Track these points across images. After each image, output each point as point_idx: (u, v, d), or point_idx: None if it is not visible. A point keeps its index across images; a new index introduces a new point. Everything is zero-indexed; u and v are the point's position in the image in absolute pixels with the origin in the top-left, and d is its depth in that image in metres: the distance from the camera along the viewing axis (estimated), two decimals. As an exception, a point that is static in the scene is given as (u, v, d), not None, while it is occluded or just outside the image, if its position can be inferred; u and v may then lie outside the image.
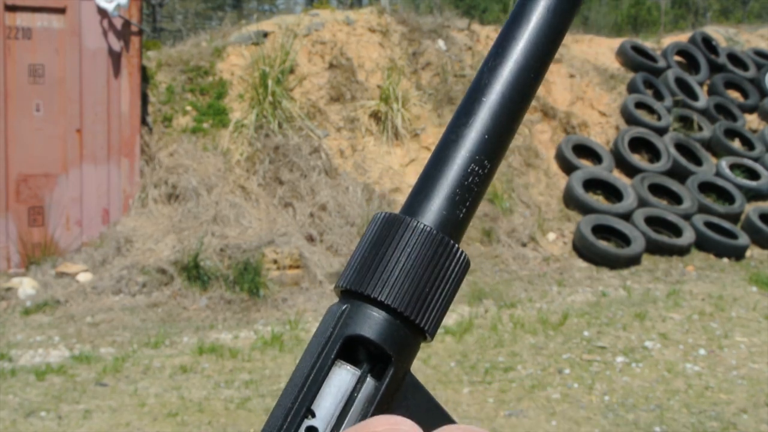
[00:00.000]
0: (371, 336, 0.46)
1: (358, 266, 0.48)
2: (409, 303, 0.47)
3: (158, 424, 4.20)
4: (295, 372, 0.47)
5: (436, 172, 0.51)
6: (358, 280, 0.48)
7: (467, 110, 0.52)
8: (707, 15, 25.73)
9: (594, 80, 10.48)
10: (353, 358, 0.47)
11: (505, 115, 0.51)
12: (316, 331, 0.48)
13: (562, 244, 8.42)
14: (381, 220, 0.49)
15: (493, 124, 0.51)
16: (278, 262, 6.99)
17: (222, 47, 9.05)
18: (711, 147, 10.23)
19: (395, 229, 0.48)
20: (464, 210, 0.50)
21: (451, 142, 0.51)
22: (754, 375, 5.08)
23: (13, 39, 7.10)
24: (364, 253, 0.49)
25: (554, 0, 0.53)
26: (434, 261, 0.48)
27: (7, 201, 7.17)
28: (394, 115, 8.88)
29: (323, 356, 0.46)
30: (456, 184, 0.50)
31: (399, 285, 0.47)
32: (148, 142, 7.95)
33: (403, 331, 0.47)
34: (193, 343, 5.62)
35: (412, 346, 0.48)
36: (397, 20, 10.00)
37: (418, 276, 0.47)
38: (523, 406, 4.51)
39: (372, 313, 0.47)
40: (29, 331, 5.88)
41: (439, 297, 0.48)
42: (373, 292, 0.47)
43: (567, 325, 6.08)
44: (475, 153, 0.50)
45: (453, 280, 0.49)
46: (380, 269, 0.47)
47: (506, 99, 0.51)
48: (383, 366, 0.47)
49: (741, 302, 6.83)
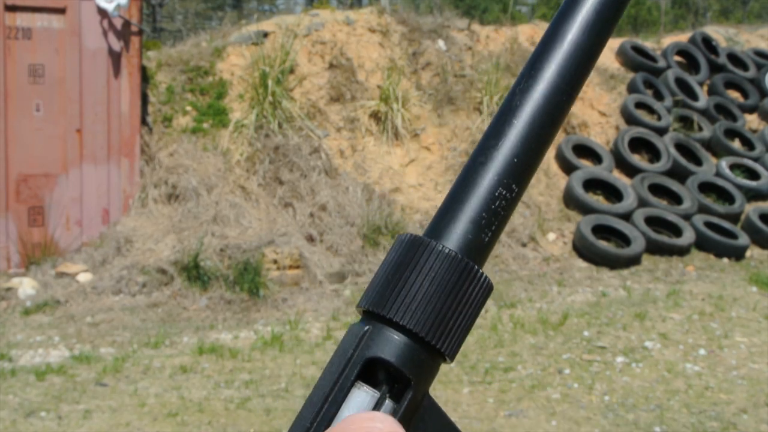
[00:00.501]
0: (391, 359, 0.47)
1: (381, 288, 0.48)
2: (431, 328, 0.47)
3: (158, 424, 4.20)
4: (314, 391, 0.47)
5: (462, 195, 0.50)
6: (380, 302, 0.48)
7: (497, 132, 0.51)
8: (707, 15, 25.73)
9: (594, 80, 10.48)
10: (373, 379, 0.48)
11: (536, 139, 0.51)
12: (337, 350, 0.49)
13: (562, 244, 8.42)
14: (405, 242, 0.49)
15: (523, 148, 0.51)
16: (278, 262, 6.99)
17: (222, 47, 9.05)
18: (711, 147, 10.23)
19: (419, 253, 0.48)
20: (490, 234, 0.50)
21: (479, 164, 0.51)
22: (754, 375, 5.08)
23: (13, 39, 7.10)
24: (388, 275, 0.49)
25: (589, 21, 0.52)
26: (457, 287, 0.48)
27: (7, 201, 7.17)
28: (394, 115, 8.88)
29: (343, 377, 0.47)
30: (483, 208, 0.50)
31: (421, 310, 0.47)
32: (148, 142, 7.95)
33: (423, 355, 0.47)
34: (193, 343, 5.62)
35: (432, 370, 0.48)
36: (397, 20, 10.00)
37: (441, 301, 0.47)
38: (523, 406, 4.51)
39: (393, 336, 0.47)
40: (29, 331, 5.88)
41: (460, 322, 0.48)
42: (395, 316, 0.47)
43: (567, 325, 6.08)
44: (503, 177, 0.50)
45: (475, 305, 0.49)
46: (403, 293, 0.47)
47: (537, 122, 0.51)
48: (402, 388, 0.47)
49: (741, 302, 6.83)
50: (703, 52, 11.47)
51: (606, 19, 0.52)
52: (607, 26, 0.52)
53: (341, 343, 0.49)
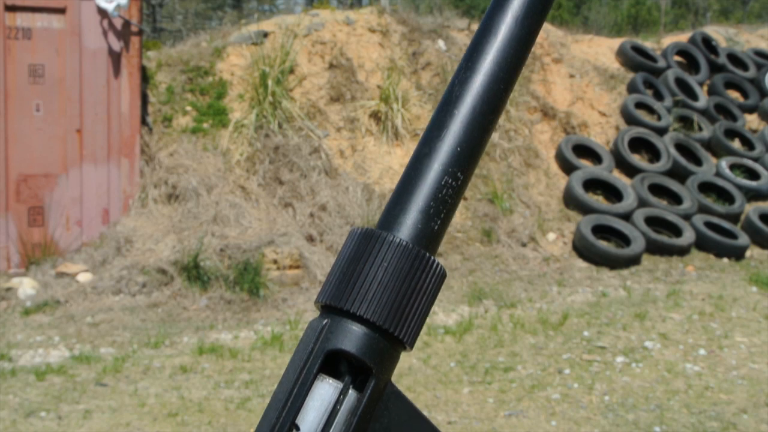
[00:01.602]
0: (351, 350, 0.48)
1: (337, 282, 0.49)
2: (388, 316, 0.48)
3: (158, 424, 4.20)
4: (278, 387, 0.49)
5: (410, 186, 0.52)
6: (337, 295, 0.49)
7: (439, 123, 0.53)
8: (707, 15, 25.72)
9: (594, 80, 10.48)
10: (335, 372, 0.48)
11: (477, 128, 0.52)
12: (298, 346, 0.49)
13: (562, 244, 8.42)
14: (358, 235, 0.51)
15: (465, 137, 0.52)
16: (278, 262, 6.99)
17: (222, 47, 9.05)
18: (711, 147, 10.23)
19: (372, 244, 0.49)
20: (439, 222, 0.51)
21: (424, 155, 0.52)
22: (754, 375, 5.08)
23: (13, 39, 7.10)
24: (343, 269, 0.50)
25: (521, 12, 0.53)
26: (411, 274, 0.49)
27: (7, 201, 7.17)
28: (394, 115, 8.88)
29: (305, 371, 0.48)
30: (430, 197, 0.51)
31: (377, 299, 0.48)
32: (148, 142, 7.95)
33: (383, 344, 0.48)
34: (193, 343, 5.62)
35: (392, 358, 0.49)
36: (397, 20, 10.00)
37: (396, 289, 0.49)
38: (523, 406, 4.51)
39: (352, 327, 0.48)
40: (29, 331, 5.88)
41: (416, 308, 0.49)
42: (352, 307, 0.48)
43: (567, 325, 6.08)
44: (448, 165, 0.51)
45: (430, 291, 0.50)
46: (358, 284, 0.48)
47: (477, 111, 0.52)
48: (364, 378, 0.48)
49: (741, 302, 6.83)
50: (703, 52, 11.48)
51: (537, 11, 0.54)
52: (538, 17, 0.54)
53: (302, 339, 0.50)
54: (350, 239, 0.51)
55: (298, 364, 0.48)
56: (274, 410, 0.47)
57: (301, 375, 0.47)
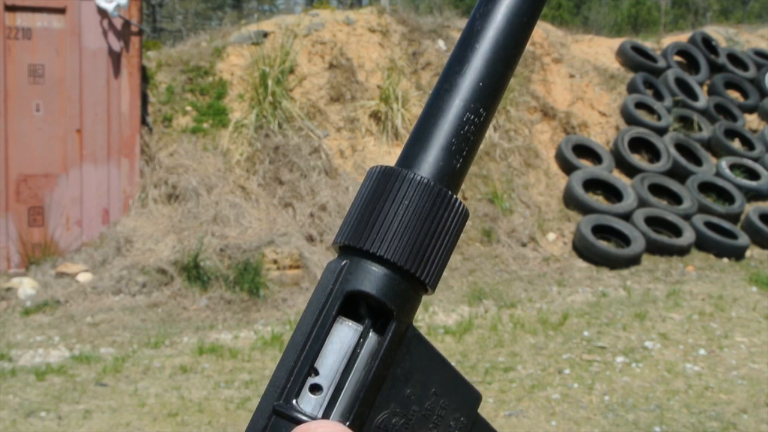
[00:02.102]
0: (372, 291, 0.46)
1: (356, 221, 0.48)
2: (409, 256, 0.47)
3: (158, 424, 4.20)
4: (296, 330, 0.47)
5: (430, 123, 0.50)
6: (356, 235, 0.47)
7: (460, 58, 0.51)
8: (707, 15, 25.72)
9: (594, 80, 10.48)
10: (355, 314, 0.47)
11: (500, 62, 0.50)
12: (316, 288, 0.48)
13: (562, 244, 8.42)
14: (377, 173, 0.49)
15: (487, 72, 0.50)
16: (278, 262, 6.99)
17: (222, 47, 9.05)
18: (711, 147, 10.23)
19: (392, 183, 0.48)
20: (461, 160, 0.49)
21: (444, 91, 0.50)
22: (754, 375, 5.08)
23: (13, 39, 7.10)
24: (361, 208, 0.48)
25: None
26: (433, 213, 0.47)
27: (7, 201, 7.17)
28: (394, 115, 8.88)
29: (324, 313, 0.46)
30: (452, 134, 0.49)
31: (398, 239, 0.46)
32: (148, 142, 7.95)
33: (404, 285, 0.47)
34: (193, 343, 5.62)
35: (414, 300, 0.48)
36: (397, 20, 10.00)
37: (417, 229, 0.47)
38: (523, 406, 4.51)
39: (372, 268, 0.46)
40: (29, 331, 5.88)
41: (439, 249, 0.48)
42: (372, 247, 0.46)
43: (567, 325, 6.08)
44: (470, 101, 0.50)
45: (452, 231, 0.48)
46: (378, 223, 0.47)
47: (500, 45, 0.50)
48: (385, 321, 0.47)
49: (741, 302, 6.83)
50: (703, 52, 11.48)
51: None
52: None
53: (320, 281, 0.48)
54: (369, 178, 0.49)
55: (316, 307, 0.46)
56: (292, 354, 0.45)
57: (320, 317, 0.46)
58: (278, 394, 0.44)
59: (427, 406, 0.48)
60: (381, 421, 0.46)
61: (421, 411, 0.47)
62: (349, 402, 0.45)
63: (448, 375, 0.49)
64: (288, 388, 0.44)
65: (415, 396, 0.47)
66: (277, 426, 0.44)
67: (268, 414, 0.44)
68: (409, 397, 0.47)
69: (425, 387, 0.48)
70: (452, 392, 0.49)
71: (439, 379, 0.48)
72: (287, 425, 0.44)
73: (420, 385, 0.47)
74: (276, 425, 0.44)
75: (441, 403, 0.48)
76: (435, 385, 0.48)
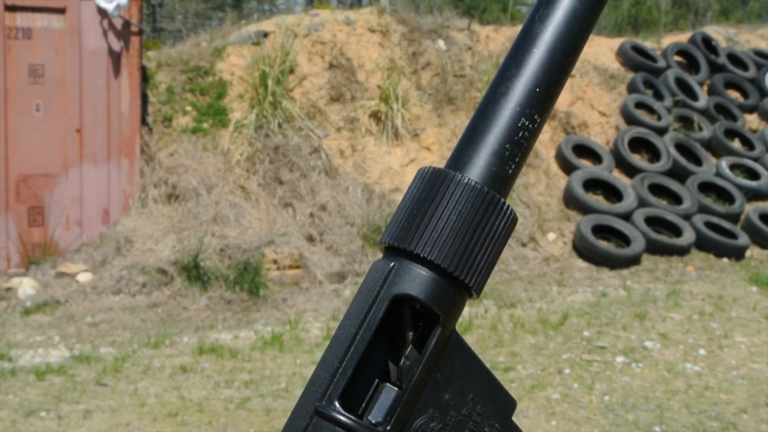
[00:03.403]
0: (420, 295, 0.46)
1: (405, 222, 0.47)
2: (459, 262, 0.46)
3: (158, 424, 4.20)
4: (339, 331, 0.46)
5: (484, 126, 0.49)
6: (405, 236, 0.46)
7: (517, 61, 0.50)
8: (707, 15, 25.72)
9: (594, 80, 10.48)
10: (398, 316, 0.47)
11: (557, 68, 0.50)
12: (361, 288, 0.47)
13: (562, 244, 8.42)
14: (428, 175, 0.48)
15: (544, 77, 0.49)
16: (278, 262, 6.99)
17: (222, 47, 9.05)
18: (711, 147, 10.23)
19: (443, 185, 0.47)
20: (513, 166, 0.49)
21: (500, 95, 0.49)
22: (754, 375, 5.08)
23: (13, 39, 7.09)
24: (411, 209, 0.47)
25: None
26: (484, 219, 0.47)
27: (7, 201, 7.17)
28: (394, 115, 8.88)
29: (371, 315, 0.46)
30: (506, 140, 0.48)
31: (449, 244, 0.46)
32: (148, 142, 7.95)
33: (451, 291, 0.46)
34: (193, 343, 5.62)
35: (459, 305, 0.47)
36: (397, 20, 10.00)
37: (467, 233, 0.46)
38: (523, 406, 4.51)
39: (419, 271, 0.46)
40: (29, 331, 5.88)
41: (486, 255, 0.47)
42: (420, 250, 0.46)
43: (567, 325, 6.08)
44: (525, 107, 0.49)
45: (501, 237, 0.48)
46: (428, 226, 0.46)
47: (558, 50, 0.49)
48: (430, 325, 0.46)
49: (741, 302, 6.83)
50: (703, 52, 11.47)
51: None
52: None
53: (366, 281, 0.47)
54: (419, 178, 0.48)
55: (363, 308, 0.46)
56: (336, 354, 0.45)
57: (366, 319, 0.45)
58: (321, 394, 0.44)
59: (464, 412, 0.47)
60: (419, 425, 0.46)
61: (458, 417, 0.47)
62: (391, 405, 0.45)
63: (486, 381, 0.49)
64: (331, 390, 0.44)
65: (454, 402, 0.47)
66: (318, 427, 0.44)
67: (310, 414, 0.44)
68: (447, 403, 0.47)
69: (464, 393, 0.47)
70: (489, 399, 0.49)
71: (478, 385, 0.48)
72: (329, 426, 0.44)
73: (459, 390, 0.47)
74: (317, 426, 0.44)
75: (478, 410, 0.48)
76: (473, 392, 0.48)
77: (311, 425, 0.44)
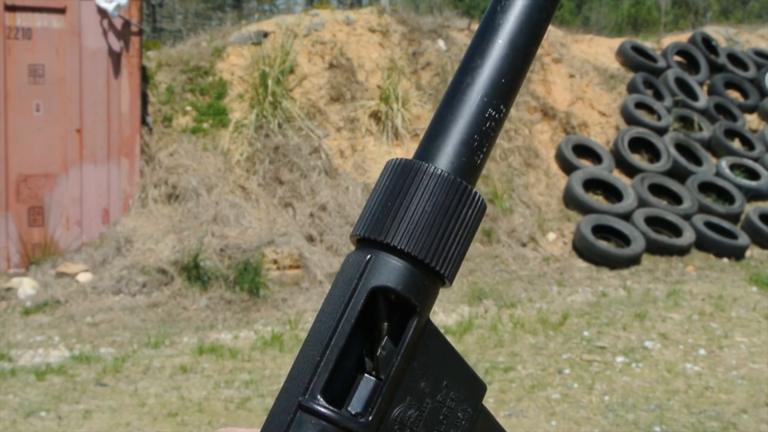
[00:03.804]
0: (397, 287, 0.46)
1: (378, 214, 0.47)
2: (434, 252, 0.46)
3: (158, 424, 4.20)
4: (317, 325, 0.46)
5: (452, 117, 0.49)
6: (379, 228, 0.47)
7: (481, 51, 0.50)
8: (707, 15, 25.72)
9: (594, 80, 10.48)
10: (373, 308, 0.47)
11: (520, 58, 0.50)
12: (337, 281, 0.47)
13: (562, 244, 8.42)
14: (398, 166, 0.48)
15: (509, 67, 0.50)
16: (278, 262, 6.99)
17: (222, 47, 9.05)
18: (711, 147, 10.23)
19: (414, 176, 0.47)
20: (482, 156, 0.49)
21: (466, 85, 0.50)
22: (754, 375, 5.08)
23: (13, 39, 7.09)
24: (383, 201, 0.48)
25: None
26: (458, 209, 0.47)
27: (7, 201, 7.17)
28: (394, 115, 8.88)
29: (350, 309, 0.46)
30: (474, 130, 0.49)
31: (424, 234, 0.46)
32: (148, 142, 7.95)
33: (427, 281, 0.47)
34: (193, 343, 5.62)
35: (434, 295, 0.48)
36: (397, 20, 10.00)
37: (441, 224, 0.47)
38: (523, 406, 4.51)
39: (396, 263, 0.46)
40: (29, 331, 5.88)
41: (458, 243, 0.48)
42: (394, 241, 0.46)
43: (567, 325, 6.08)
44: (492, 97, 0.49)
45: (471, 225, 0.48)
46: (403, 218, 0.46)
47: (521, 41, 0.50)
48: (405, 315, 0.47)
49: (741, 302, 6.83)
50: (703, 52, 11.47)
51: None
52: None
53: (341, 274, 0.47)
54: (389, 170, 0.49)
55: (341, 301, 0.46)
56: (316, 348, 0.45)
57: (345, 313, 0.45)
58: (303, 389, 0.44)
59: (438, 398, 0.48)
60: (398, 413, 0.46)
61: (433, 403, 0.48)
62: (371, 396, 0.45)
63: (458, 367, 0.49)
64: (314, 384, 0.44)
65: (429, 389, 0.47)
66: (302, 421, 0.44)
67: (293, 409, 0.44)
68: (423, 390, 0.47)
69: (438, 380, 0.48)
70: (461, 384, 0.49)
71: (451, 371, 0.49)
72: (313, 420, 0.44)
73: (434, 378, 0.48)
74: (301, 420, 0.44)
75: (451, 396, 0.49)
76: (447, 378, 0.48)
77: (295, 420, 0.44)
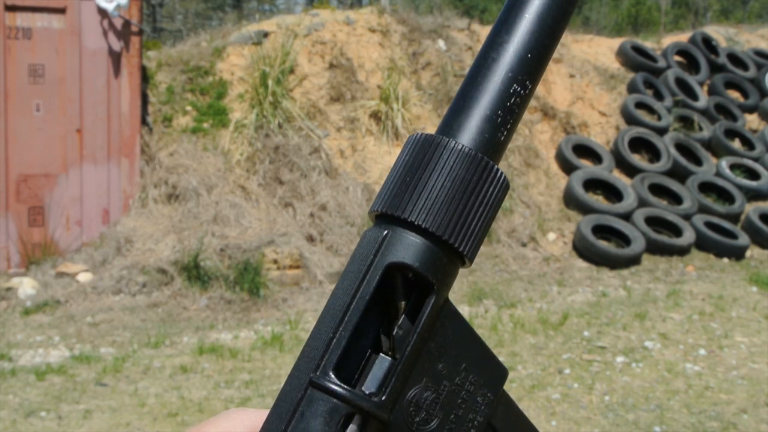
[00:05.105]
0: (414, 264, 0.45)
1: (396, 189, 0.46)
2: (453, 229, 0.45)
3: (158, 424, 4.20)
4: (332, 300, 0.46)
5: (476, 92, 0.48)
6: (397, 204, 0.46)
7: (508, 27, 0.49)
8: (707, 15, 25.72)
9: (594, 80, 10.48)
10: (390, 285, 0.46)
11: (548, 33, 0.49)
12: (354, 257, 0.46)
13: (562, 244, 8.42)
14: (419, 141, 0.47)
15: (536, 43, 0.48)
16: (278, 262, 6.99)
17: (222, 47, 9.05)
18: (711, 147, 10.23)
19: (435, 151, 0.46)
20: (505, 133, 0.48)
21: (492, 60, 0.48)
22: (754, 375, 5.08)
23: (13, 39, 7.09)
24: (403, 176, 0.46)
25: None
26: (477, 185, 0.46)
27: (7, 201, 7.17)
28: (394, 115, 8.88)
29: (365, 285, 0.45)
30: (498, 106, 0.48)
31: (443, 210, 0.45)
32: (148, 142, 7.95)
33: (445, 258, 0.46)
34: (193, 343, 5.62)
35: (453, 273, 0.47)
36: (397, 20, 10.00)
37: (461, 201, 0.46)
38: (523, 406, 4.52)
39: (414, 239, 0.45)
40: (29, 331, 5.88)
41: (480, 222, 0.47)
42: (413, 217, 0.45)
43: (567, 325, 6.08)
44: (518, 73, 0.48)
45: (493, 203, 0.47)
46: (422, 193, 0.45)
47: (549, 16, 0.49)
48: (423, 293, 0.46)
49: (741, 302, 6.83)
50: (703, 52, 11.47)
51: None
52: None
53: (358, 249, 0.46)
54: (410, 145, 0.47)
55: (356, 277, 0.45)
56: (329, 325, 0.44)
57: (360, 288, 0.44)
58: (315, 366, 0.44)
59: (457, 381, 0.47)
60: (413, 395, 0.45)
61: (451, 386, 0.47)
62: (385, 375, 0.44)
63: (478, 351, 0.48)
64: (325, 361, 0.43)
65: (447, 371, 0.47)
66: (313, 398, 0.43)
67: (304, 385, 0.43)
68: (441, 372, 0.46)
69: (457, 362, 0.47)
70: (481, 368, 0.48)
71: (470, 354, 0.48)
72: (324, 397, 0.43)
73: (452, 360, 0.47)
74: (312, 397, 0.43)
75: (470, 379, 0.48)
76: (466, 361, 0.47)
77: (306, 396, 0.43)
